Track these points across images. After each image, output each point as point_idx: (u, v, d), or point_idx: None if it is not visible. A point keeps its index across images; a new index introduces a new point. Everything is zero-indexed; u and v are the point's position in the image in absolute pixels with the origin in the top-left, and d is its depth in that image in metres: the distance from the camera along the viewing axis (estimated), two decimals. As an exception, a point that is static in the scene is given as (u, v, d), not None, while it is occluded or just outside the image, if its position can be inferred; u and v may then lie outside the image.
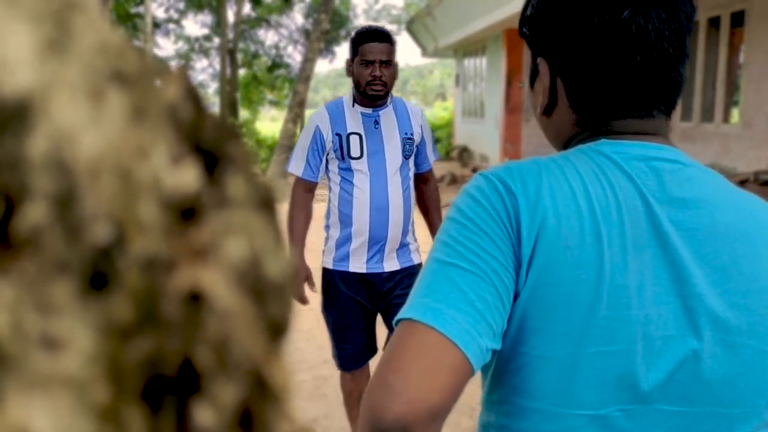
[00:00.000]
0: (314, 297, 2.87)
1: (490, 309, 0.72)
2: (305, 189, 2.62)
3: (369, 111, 2.58)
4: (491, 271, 0.73)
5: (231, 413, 0.17)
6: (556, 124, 0.87)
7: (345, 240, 2.58)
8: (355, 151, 2.53)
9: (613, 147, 0.80)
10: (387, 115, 2.59)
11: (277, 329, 0.18)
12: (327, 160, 2.58)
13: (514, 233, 0.75)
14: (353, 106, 2.58)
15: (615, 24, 0.79)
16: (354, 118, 2.56)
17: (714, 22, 8.22)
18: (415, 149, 2.64)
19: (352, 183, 2.55)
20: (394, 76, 2.57)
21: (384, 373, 0.69)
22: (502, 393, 0.81)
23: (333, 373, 3.53)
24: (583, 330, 0.74)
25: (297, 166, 2.60)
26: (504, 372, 0.79)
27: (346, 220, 2.57)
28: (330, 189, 2.64)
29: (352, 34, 2.62)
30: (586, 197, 0.75)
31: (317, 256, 2.94)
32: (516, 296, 0.76)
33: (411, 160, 2.63)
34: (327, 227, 2.68)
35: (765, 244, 0.78)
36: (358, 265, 2.58)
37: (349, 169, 2.54)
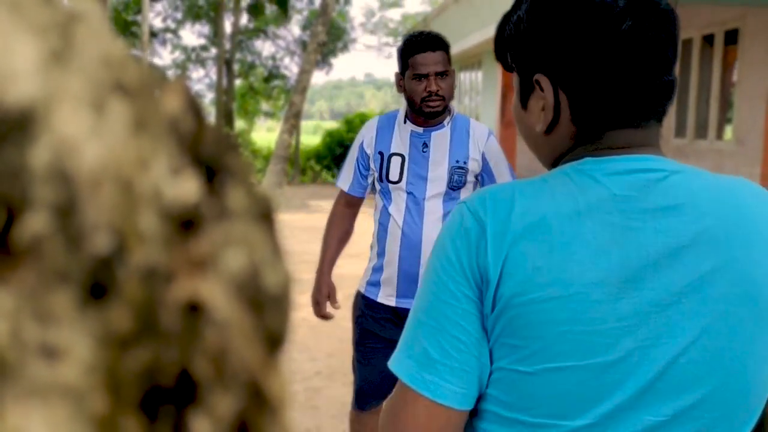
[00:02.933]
0: (307, 308, 2.85)
1: (469, 361, 0.80)
2: (346, 203, 2.40)
3: (420, 131, 2.24)
4: (462, 321, 0.80)
5: (228, 424, 0.17)
6: (553, 141, 0.88)
7: (378, 267, 2.31)
8: (393, 175, 2.22)
9: (594, 164, 0.81)
10: (441, 138, 2.24)
11: (274, 341, 0.18)
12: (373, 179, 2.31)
13: (482, 263, 0.78)
14: (405, 122, 2.26)
15: (618, 34, 0.81)
16: (402, 137, 2.25)
17: (708, 40, 8.28)
18: (474, 180, 2.26)
19: (388, 211, 2.26)
20: (452, 87, 2.22)
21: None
22: (484, 403, 0.83)
23: (325, 384, 3.52)
24: (559, 346, 0.76)
25: (343, 180, 2.35)
26: (485, 384, 0.82)
27: (379, 248, 2.31)
28: (375, 209, 2.37)
29: (400, 43, 2.27)
30: (558, 218, 0.77)
31: (312, 267, 2.81)
32: (496, 316, 0.79)
33: (464, 192, 2.25)
34: (370, 247, 2.42)
35: (755, 247, 0.79)
36: (387, 296, 2.30)
37: (387, 194, 2.26)
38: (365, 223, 2.81)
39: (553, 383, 0.77)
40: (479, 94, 13.74)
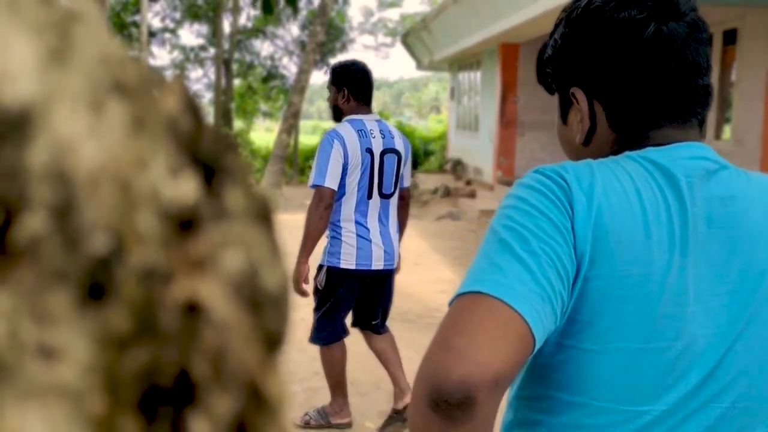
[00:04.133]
0: (306, 308, 2.89)
1: (554, 292, 0.73)
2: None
3: None
4: (555, 255, 0.74)
5: (226, 425, 0.17)
6: (594, 150, 0.91)
7: None
8: None
9: (658, 152, 0.84)
10: None
11: (273, 341, 0.18)
12: None
13: (573, 222, 0.76)
14: None
15: (642, 40, 0.84)
16: None
17: (706, 40, 8.29)
18: None
19: None
20: (330, 101, 3.18)
21: (447, 337, 0.68)
22: (540, 387, 0.82)
23: (324, 384, 3.52)
24: (630, 325, 0.77)
25: None
26: (545, 366, 0.80)
27: None
28: None
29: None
30: (638, 197, 0.79)
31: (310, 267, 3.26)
32: (573, 285, 0.77)
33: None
34: None
35: None
36: None
37: None
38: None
39: (620, 364, 0.77)
40: (478, 94, 13.75)
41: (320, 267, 3.07)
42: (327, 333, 3.08)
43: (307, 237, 2.97)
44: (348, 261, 3.02)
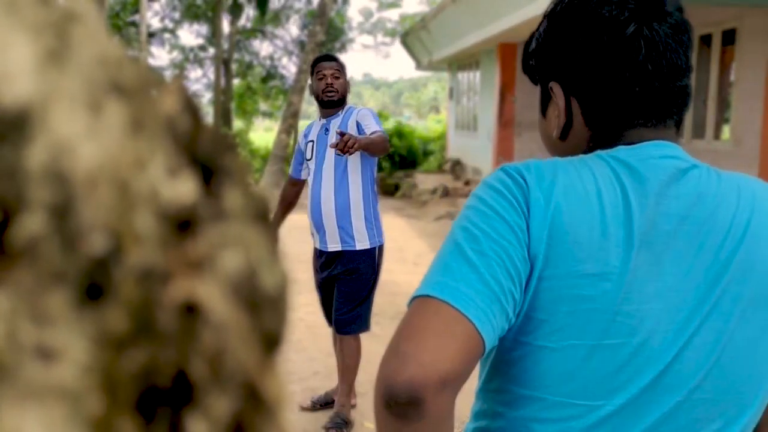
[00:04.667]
0: (304, 308, 2.89)
1: (504, 291, 0.75)
2: (289, 183, 3.50)
3: (324, 121, 3.32)
4: (506, 255, 0.76)
5: (224, 425, 0.17)
6: (570, 146, 0.91)
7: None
8: (308, 154, 3.32)
9: (628, 151, 0.84)
10: (335, 122, 3.26)
11: (271, 341, 0.18)
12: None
13: (528, 222, 0.78)
14: (319, 120, 3.40)
15: (624, 38, 0.84)
16: (316, 129, 3.34)
17: (705, 40, 8.30)
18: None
19: (307, 181, 3.35)
20: (344, 86, 3.27)
21: (395, 342, 0.72)
22: (501, 381, 0.83)
23: (323, 384, 3.52)
24: (585, 323, 0.77)
25: (290, 169, 3.51)
26: (505, 361, 0.82)
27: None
28: None
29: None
30: (598, 197, 0.79)
31: (309, 267, 3.35)
32: (527, 284, 0.78)
33: (353, 158, 3.11)
34: None
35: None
36: (316, 242, 3.28)
37: (307, 169, 3.33)
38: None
39: (575, 360, 0.78)
40: (477, 94, 13.75)
41: (373, 250, 3.17)
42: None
43: (370, 145, 3.01)
44: (382, 234, 3.27)
